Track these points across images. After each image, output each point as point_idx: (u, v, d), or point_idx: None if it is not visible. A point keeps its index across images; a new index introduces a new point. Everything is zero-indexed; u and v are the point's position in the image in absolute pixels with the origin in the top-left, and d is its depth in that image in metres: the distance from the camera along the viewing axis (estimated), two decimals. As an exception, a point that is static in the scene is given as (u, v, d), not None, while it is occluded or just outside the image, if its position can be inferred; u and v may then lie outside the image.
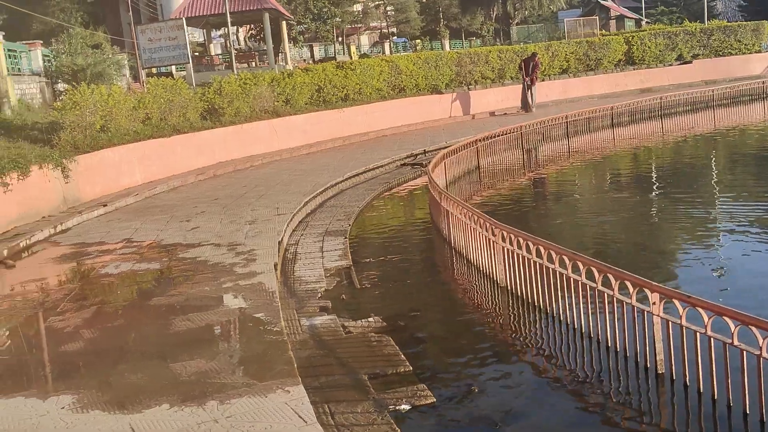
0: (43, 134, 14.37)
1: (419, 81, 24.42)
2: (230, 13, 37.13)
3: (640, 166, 16.72)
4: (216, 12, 40.96)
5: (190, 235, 9.90)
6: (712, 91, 24.00)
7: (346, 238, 9.65)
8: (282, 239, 9.31)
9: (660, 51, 30.35)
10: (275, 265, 7.87)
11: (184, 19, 22.11)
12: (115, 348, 5.67)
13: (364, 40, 73.48)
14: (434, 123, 23.62)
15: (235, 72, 24.27)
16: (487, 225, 7.45)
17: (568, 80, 28.52)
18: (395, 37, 65.31)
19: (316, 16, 54.73)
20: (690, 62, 30.72)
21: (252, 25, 54.13)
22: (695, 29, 31.19)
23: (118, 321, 6.40)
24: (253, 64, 49.70)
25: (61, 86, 26.45)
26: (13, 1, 42.35)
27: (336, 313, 6.62)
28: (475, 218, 7.87)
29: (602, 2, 46.02)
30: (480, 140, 16.16)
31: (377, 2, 63.79)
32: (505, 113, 24.97)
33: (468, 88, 26.07)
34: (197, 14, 38.54)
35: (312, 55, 54.78)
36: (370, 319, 6.32)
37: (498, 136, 17.08)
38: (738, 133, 20.26)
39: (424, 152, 17.80)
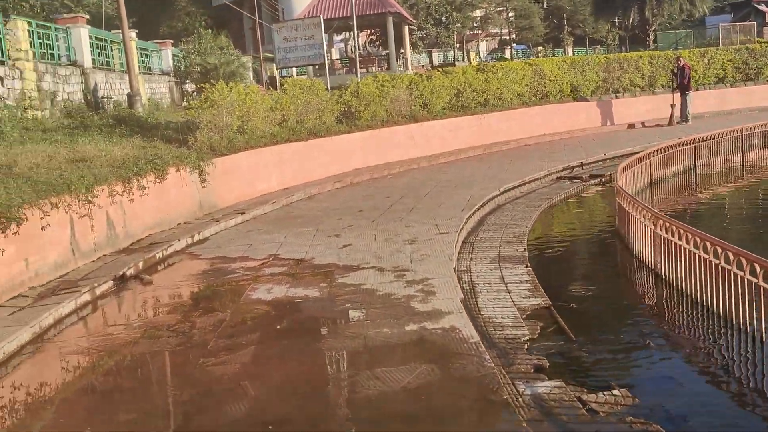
0: (177, 134, 13.54)
1: (563, 87, 22.56)
2: (356, 17, 36.44)
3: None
4: (340, 15, 40.36)
5: (344, 254, 8.59)
6: None
7: (527, 266, 8.09)
8: (455, 266, 7.86)
9: (831, 60, 27.21)
10: (462, 303, 6.40)
11: (321, 17, 21.13)
12: (294, 417, 4.34)
13: (483, 46, 71.79)
14: (580, 132, 21.70)
15: (358, 76, 23.24)
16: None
17: (725, 90, 25.90)
18: (515, 44, 63.30)
19: (438, 21, 53.50)
20: None
21: (372, 30, 53.47)
22: None
23: (286, 370, 5.09)
24: (373, 69, 48.97)
25: (189, 86, 26.19)
26: (143, 4, 43.18)
27: (559, 375, 5.08)
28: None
29: (757, 6, 42.46)
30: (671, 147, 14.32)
31: (499, 8, 61.98)
32: (658, 124, 22.75)
33: (615, 96, 23.99)
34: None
35: (431, 61, 53.59)
36: (616, 393, 4.73)
37: (680, 146, 15.10)
38: None
39: (581, 165, 16.02)
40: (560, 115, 22.06)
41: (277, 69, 22.51)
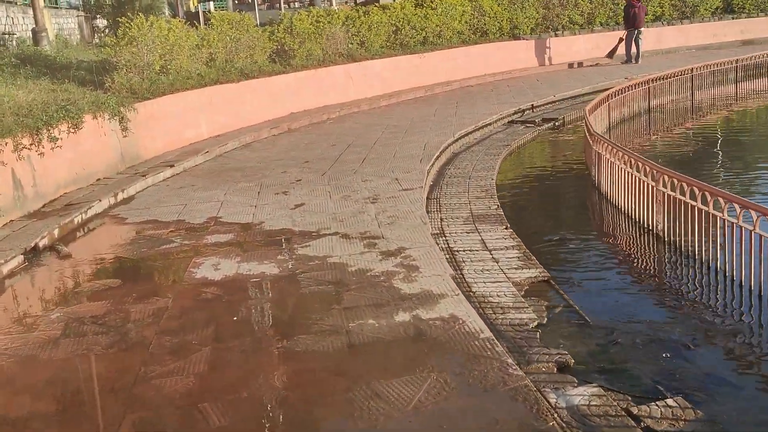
0: (92, 75, 11.93)
1: (503, 24, 21.53)
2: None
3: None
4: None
5: (299, 216, 7.45)
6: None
7: (507, 227, 7.15)
8: (431, 231, 6.84)
9: (763, -2, 27.05)
10: (454, 281, 5.41)
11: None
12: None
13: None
14: (522, 72, 20.82)
15: (282, 11, 21.56)
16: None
17: (663, 29, 25.38)
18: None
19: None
20: (796, 11, 27.38)
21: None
22: (803, -27, 27.75)
23: (256, 386, 3.99)
24: (296, 5, 46.80)
25: (100, 22, 24.00)
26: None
27: (587, 375, 4.18)
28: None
29: None
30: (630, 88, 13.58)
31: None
32: (597, 63, 22.09)
33: (555, 34, 23.15)
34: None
35: (354, -2, 51.67)
36: (671, 403, 3.83)
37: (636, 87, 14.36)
38: None
39: (532, 107, 15.16)
40: (501, 54, 21.10)
41: (199, 1, 20.62)
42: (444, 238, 6.96)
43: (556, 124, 14.00)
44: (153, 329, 4.80)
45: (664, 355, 4.48)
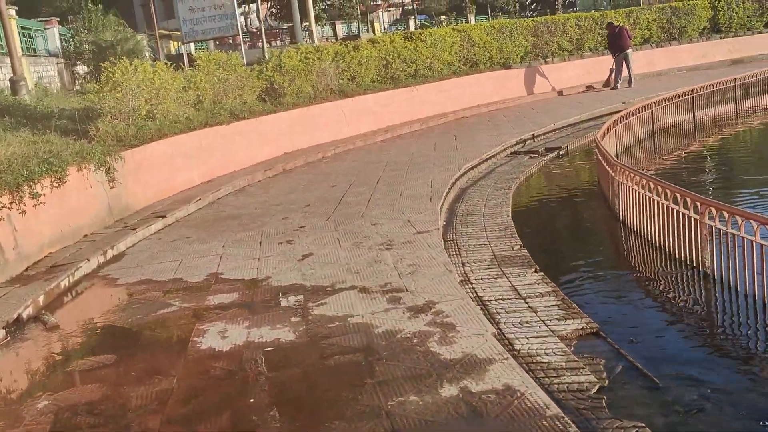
0: (74, 124, 11.34)
1: (493, 54, 21.19)
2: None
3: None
4: (241, -14, 37.90)
5: (308, 269, 6.80)
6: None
7: (537, 270, 6.53)
8: (458, 278, 6.21)
9: (748, 16, 26.99)
10: (498, 340, 4.77)
11: (231, -18, 18.90)
12: None
13: (385, 18, 70.14)
14: (515, 101, 20.41)
15: (264, 50, 21.10)
16: None
17: (652, 51, 25.19)
18: (418, 14, 61.92)
19: (340, -9, 51.49)
20: (783, 29, 27.30)
21: (272, 3, 50.96)
22: (788, -10, 27.73)
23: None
24: (277, 43, 46.58)
25: (81, 69, 23.44)
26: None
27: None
28: None
29: None
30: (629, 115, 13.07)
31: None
32: (588, 88, 21.74)
33: (545, 61, 22.82)
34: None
35: (335, 34, 51.63)
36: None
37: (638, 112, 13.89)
38: None
39: (533, 137, 14.66)
40: (492, 84, 20.72)
41: (183, 43, 20.12)
42: (471, 285, 6.32)
43: (560, 153, 13.48)
44: (158, 419, 4.11)
45: (761, 423, 3.84)
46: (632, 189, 7.78)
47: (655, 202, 7.15)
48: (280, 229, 8.59)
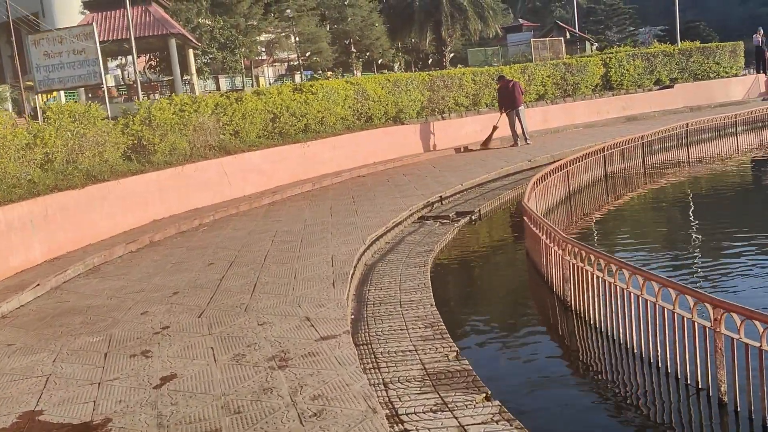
0: None
1: (388, 108, 19.79)
2: (134, 38, 31.89)
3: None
4: (115, 37, 35.50)
5: (167, 404, 4.76)
6: (735, 117, 20.44)
7: (489, 398, 4.77)
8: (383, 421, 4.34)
9: (639, 74, 27.03)
10: None
11: (95, 25, 16.63)
12: None
13: (270, 72, 68.78)
14: (414, 159, 19.01)
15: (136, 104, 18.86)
16: None
17: (548, 108, 24.61)
18: (303, 70, 60.90)
19: (223, 45, 49.63)
20: (671, 87, 27.51)
21: (152, 55, 48.52)
22: (674, 50, 28.08)
23: None
24: (156, 96, 44.05)
25: None
26: None
27: None
28: None
29: (559, 23, 42.93)
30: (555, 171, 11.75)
31: (286, 32, 59.46)
32: (484, 146, 20.68)
33: (442, 117, 21.68)
34: (92, 38, 32.41)
35: (218, 88, 49.56)
36: None
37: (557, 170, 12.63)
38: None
39: (441, 200, 13.12)
40: (389, 140, 19.28)
41: (37, 93, 17.60)
42: (397, 420, 4.48)
43: (473, 217, 12.00)
44: None
45: None
46: (589, 272, 6.22)
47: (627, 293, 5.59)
48: (135, 332, 6.48)
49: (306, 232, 10.47)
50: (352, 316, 6.75)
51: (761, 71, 30.41)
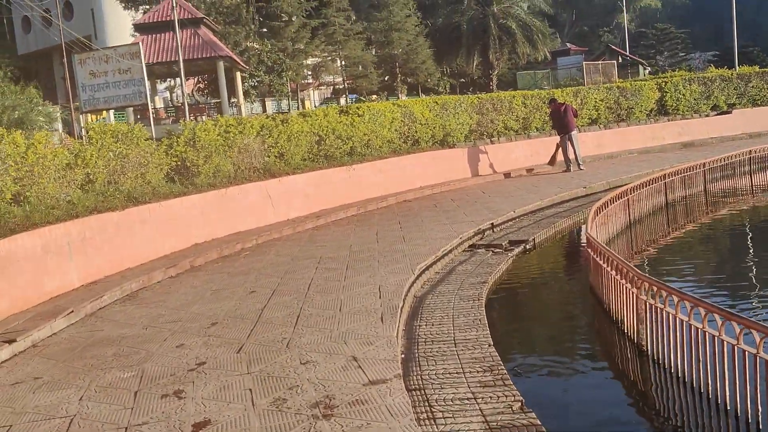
0: None
1: (436, 131, 19.30)
2: (183, 61, 32.09)
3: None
4: (164, 59, 35.79)
5: (199, 455, 4.26)
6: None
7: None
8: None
9: (695, 99, 26.10)
10: None
11: (141, 44, 16.50)
12: None
13: (316, 96, 69.04)
14: (462, 183, 18.44)
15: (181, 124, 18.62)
16: None
17: (602, 132, 23.82)
18: (349, 93, 60.88)
19: (270, 68, 49.87)
20: (729, 112, 26.52)
21: (200, 78, 48.98)
22: (732, 75, 27.10)
23: None
24: (204, 118, 44.32)
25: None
26: None
27: None
28: None
29: (611, 46, 42.15)
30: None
31: (332, 55, 59.60)
32: (536, 171, 20.01)
33: (491, 141, 21.09)
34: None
35: (264, 110, 49.74)
36: None
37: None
38: None
39: (492, 227, 12.50)
40: (437, 164, 18.74)
41: (82, 113, 17.51)
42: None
43: (527, 247, 11.36)
44: None
45: None
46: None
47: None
48: (169, 367, 6.01)
49: (351, 260, 9.95)
50: (402, 356, 6.19)
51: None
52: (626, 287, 6.34)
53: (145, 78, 15.03)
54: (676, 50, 61.20)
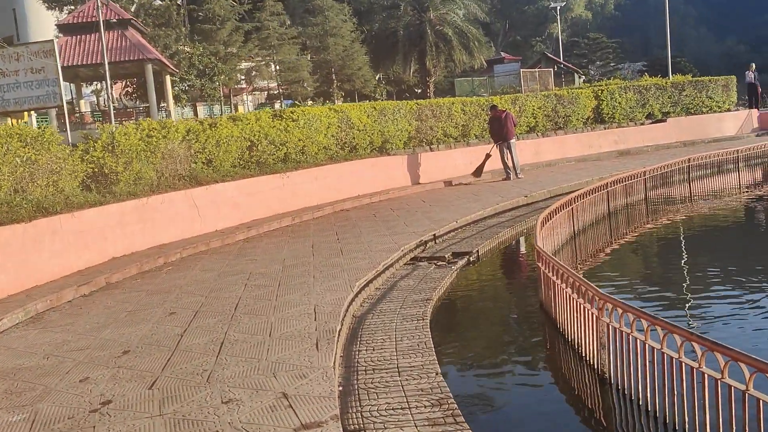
0: None
1: (374, 137, 18.65)
2: (108, 63, 30.75)
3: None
4: (90, 62, 34.27)
5: None
6: (737, 152, 19.51)
7: None
8: None
9: (631, 107, 26.15)
10: None
11: (55, 40, 15.34)
12: None
13: (249, 101, 67.74)
14: (401, 192, 17.82)
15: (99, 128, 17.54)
16: None
17: (540, 140, 23.57)
18: (284, 99, 59.86)
19: (202, 72, 48.48)
20: (664, 121, 26.67)
21: (128, 81, 47.31)
22: (666, 84, 27.29)
23: None
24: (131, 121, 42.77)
25: None
26: None
27: None
28: None
29: (548, 54, 42.21)
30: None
31: (266, 60, 58.46)
32: (469, 182, 19.58)
33: (430, 148, 20.55)
34: (66, 64, 31.13)
35: (196, 115, 48.36)
36: None
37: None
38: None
39: (434, 238, 11.88)
40: (375, 172, 18.10)
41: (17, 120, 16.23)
42: None
43: (471, 259, 10.78)
44: None
45: None
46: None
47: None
48: (68, 408, 5.14)
49: (284, 275, 9.18)
50: (341, 388, 5.46)
51: (753, 107, 29.77)
52: (585, 307, 5.76)
53: (60, 78, 13.90)
54: (608, 59, 62.20)
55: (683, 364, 4.48)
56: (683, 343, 4.53)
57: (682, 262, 10.89)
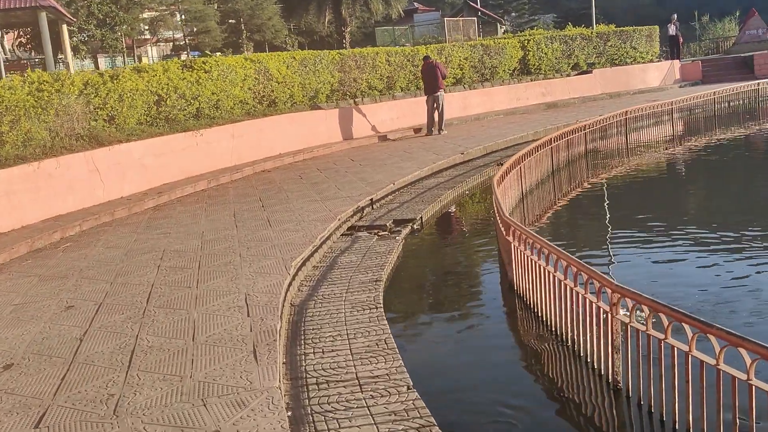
0: None
1: (295, 91, 17.22)
2: (-4, 8, 27.87)
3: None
4: (-26, 9, 31.09)
5: None
6: (671, 104, 19.02)
7: None
8: None
9: (557, 58, 25.46)
10: None
11: None
12: None
13: (155, 52, 64.33)
14: (327, 150, 16.51)
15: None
16: None
17: (467, 93, 22.57)
18: (191, 50, 56.94)
19: (102, 22, 45.21)
20: (590, 72, 26.13)
21: (21, 31, 43.68)
22: (591, 34, 26.67)
23: None
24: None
25: None
26: None
27: None
28: None
29: (470, 3, 40.94)
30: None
31: (170, 9, 55.27)
32: (405, 133, 18.47)
33: (354, 102, 19.24)
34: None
35: (97, 68, 45.24)
36: None
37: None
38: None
39: (371, 203, 10.70)
40: (298, 128, 16.71)
41: None
42: None
43: (415, 227, 9.67)
44: None
45: None
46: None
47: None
48: None
49: (205, 254, 7.83)
50: (290, 413, 4.26)
51: (675, 57, 29.66)
52: (588, 300, 4.71)
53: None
54: (523, 11, 61.63)
55: (721, 372, 3.49)
56: (723, 348, 3.53)
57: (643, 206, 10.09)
